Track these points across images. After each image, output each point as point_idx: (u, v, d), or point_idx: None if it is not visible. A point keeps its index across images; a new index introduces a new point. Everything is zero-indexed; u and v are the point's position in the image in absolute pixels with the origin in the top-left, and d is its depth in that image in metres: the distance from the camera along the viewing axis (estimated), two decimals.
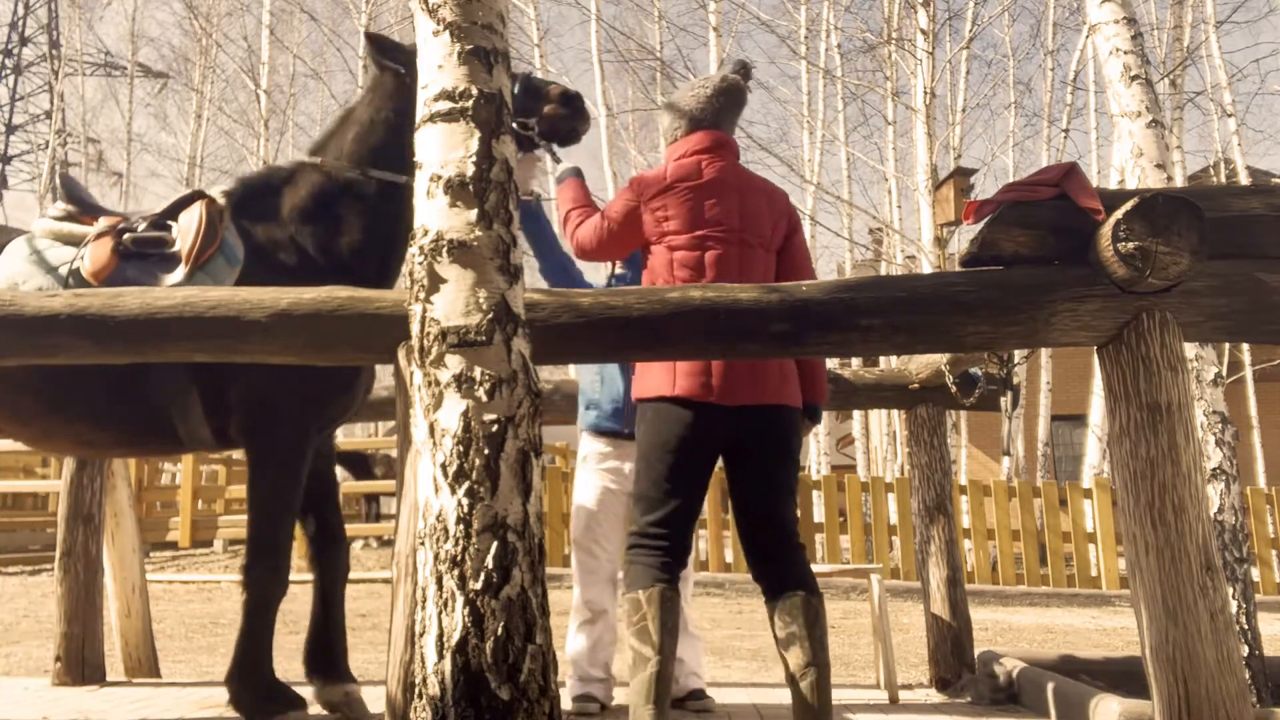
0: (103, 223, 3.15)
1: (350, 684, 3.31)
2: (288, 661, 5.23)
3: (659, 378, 2.67)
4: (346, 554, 3.40)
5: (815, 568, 4.27)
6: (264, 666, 3.08)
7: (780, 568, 2.65)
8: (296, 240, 3.14)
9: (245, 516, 3.09)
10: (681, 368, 2.64)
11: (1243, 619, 3.54)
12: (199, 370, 2.98)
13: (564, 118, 3.19)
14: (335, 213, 3.18)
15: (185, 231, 3.05)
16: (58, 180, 3.35)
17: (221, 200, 3.16)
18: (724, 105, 2.85)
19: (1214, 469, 3.73)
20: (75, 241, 3.12)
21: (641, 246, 2.81)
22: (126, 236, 3.08)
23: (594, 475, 3.60)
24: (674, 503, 2.63)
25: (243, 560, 3.06)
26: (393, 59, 3.22)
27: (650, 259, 2.77)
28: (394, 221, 3.18)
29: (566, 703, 3.41)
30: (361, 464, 12.59)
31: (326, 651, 3.32)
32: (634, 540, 2.66)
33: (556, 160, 3.33)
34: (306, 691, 3.27)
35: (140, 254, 3.05)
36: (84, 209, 3.25)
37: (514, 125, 3.16)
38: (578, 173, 3.11)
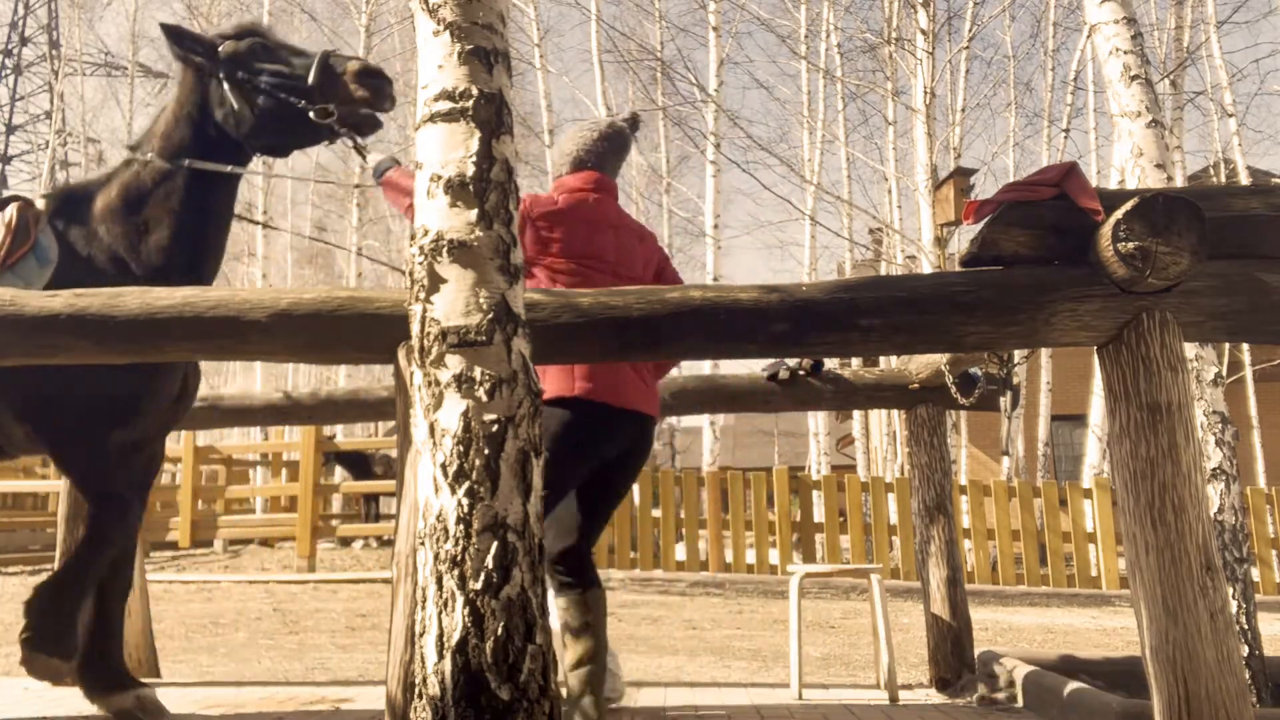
0: None
1: (139, 688, 3.29)
2: (287, 662, 5.25)
3: (556, 380, 2.79)
4: (130, 567, 3.37)
5: (815, 567, 4.31)
6: (73, 603, 3.03)
7: (589, 565, 2.96)
8: (107, 239, 3.15)
9: (244, 516, 3.09)
10: (579, 371, 2.79)
11: (1243, 619, 3.54)
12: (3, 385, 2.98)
13: (364, 100, 2.96)
14: (145, 209, 3.18)
15: None
16: None
17: (42, 204, 3.18)
18: (607, 150, 3.09)
19: (1214, 469, 3.73)
20: None
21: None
22: None
23: None
24: (578, 525, 2.86)
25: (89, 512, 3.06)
26: (191, 50, 3.20)
27: (531, 281, 2.91)
28: (201, 216, 3.19)
29: None
30: (361, 464, 12.60)
31: (104, 658, 3.29)
32: (549, 569, 2.79)
33: (361, 153, 3.13)
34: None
35: None
36: None
37: (311, 114, 2.98)
38: (398, 162, 3.12)
